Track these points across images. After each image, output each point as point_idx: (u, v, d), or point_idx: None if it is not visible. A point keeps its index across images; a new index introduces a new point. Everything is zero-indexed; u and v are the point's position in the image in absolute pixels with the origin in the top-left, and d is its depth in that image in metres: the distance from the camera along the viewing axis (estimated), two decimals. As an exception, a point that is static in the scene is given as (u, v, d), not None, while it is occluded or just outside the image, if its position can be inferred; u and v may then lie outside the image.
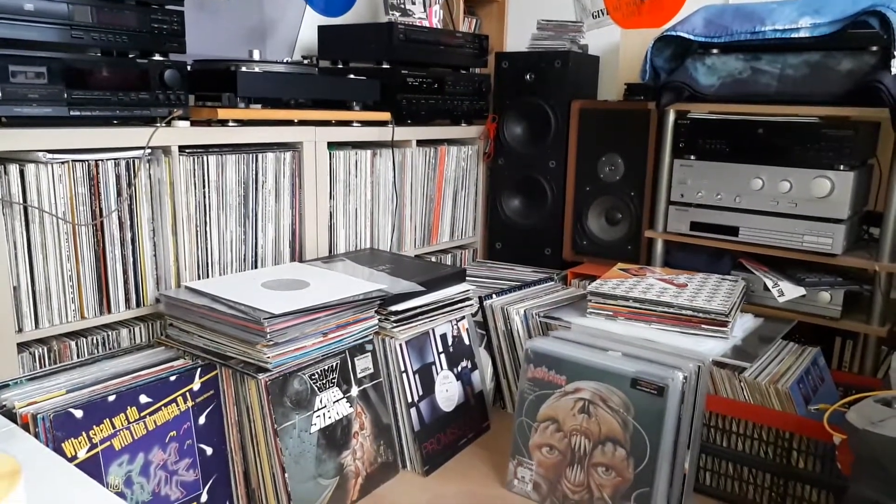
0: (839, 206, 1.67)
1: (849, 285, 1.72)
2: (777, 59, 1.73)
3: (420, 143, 2.18)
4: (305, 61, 2.14)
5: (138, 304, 1.53)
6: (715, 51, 1.81)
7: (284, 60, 1.90)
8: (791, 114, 1.73)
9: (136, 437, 1.25)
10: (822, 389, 1.56)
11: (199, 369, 1.37)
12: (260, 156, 1.71)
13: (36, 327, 1.38)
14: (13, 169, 1.31)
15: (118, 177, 1.46)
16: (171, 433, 1.31)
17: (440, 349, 1.71)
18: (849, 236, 1.72)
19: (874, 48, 1.62)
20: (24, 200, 1.33)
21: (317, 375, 1.44)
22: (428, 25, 2.28)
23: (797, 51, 1.71)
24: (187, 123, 1.58)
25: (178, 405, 1.33)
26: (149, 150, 1.50)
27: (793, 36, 1.65)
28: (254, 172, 1.70)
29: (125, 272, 1.50)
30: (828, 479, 1.39)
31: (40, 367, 1.39)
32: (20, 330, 1.36)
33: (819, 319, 1.74)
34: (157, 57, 1.52)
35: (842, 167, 1.66)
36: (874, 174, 1.91)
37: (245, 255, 1.72)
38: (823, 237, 1.70)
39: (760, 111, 1.76)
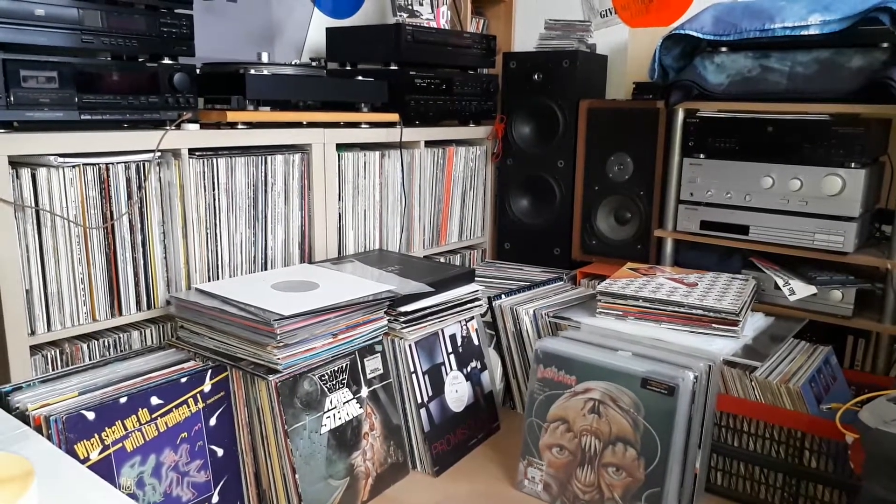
0: (850, 203, 1.66)
1: (860, 284, 1.71)
2: (787, 56, 1.72)
3: (428, 143, 2.18)
4: (314, 63, 2.15)
5: (149, 307, 1.54)
6: (724, 49, 1.80)
7: (293, 63, 1.91)
8: (801, 111, 1.72)
9: (147, 439, 1.26)
10: (834, 388, 1.55)
11: (209, 371, 1.38)
12: (269, 158, 1.72)
13: (48, 330, 1.39)
14: (25, 173, 1.32)
15: (128, 180, 1.47)
16: (183, 434, 1.32)
17: (450, 350, 1.71)
18: (860, 234, 1.71)
19: (885, 45, 1.61)
20: (36, 204, 1.34)
21: (327, 376, 1.44)
22: (435, 26, 2.28)
23: (807, 48, 1.70)
24: (197, 126, 1.59)
25: (189, 407, 1.34)
26: (159, 154, 1.51)
27: (802, 33, 1.64)
28: (263, 174, 1.71)
29: (136, 275, 1.51)
30: (840, 479, 1.38)
31: (52, 370, 1.40)
32: (32, 333, 1.37)
33: (831, 318, 1.73)
34: (167, 60, 1.53)
35: (853, 165, 1.65)
36: (886, 171, 1.90)
37: (255, 257, 1.73)
38: (835, 235, 1.69)
39: (770, 109, 1.76)
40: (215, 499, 1.37)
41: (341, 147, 1.91)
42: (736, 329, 1.54)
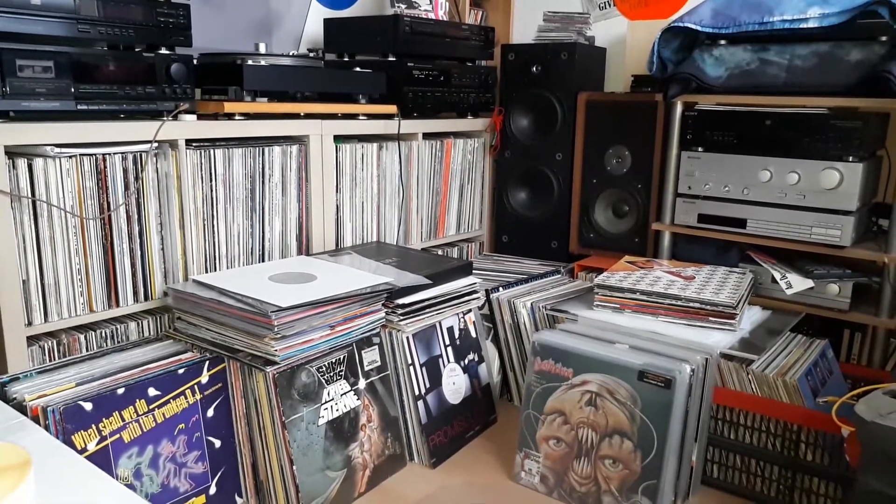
0: (848, 197, 1.66)
1: (857, 277, 1.71)
2: (785, 49, 1.72)
3: (426, 135, 2.18)
4: (311, 54, 2.14)
5: (146, 298, 1.54)
6: (723, 42, 1.80)
7: (290, 53, 1.90)
8: (799, 105, 1.72)
9: (145, 430, 1.26)
10: (830, 382, 1.56)
11: (207, 362, 1.38)
12: (266, 149, 1.71)
13: (45, 321, 1.39)
14: (21, 163, 1.31)
15: (125, 171, 1.46)
16: (180, 426, 1.32)
17: (447, 342, 1.71)
18: (857, 228, 1.71)
19: (883, 38, 1.61)
20: (33, 194, 1.34)
21: (324, 368, 1.44)
22: (434, 17, 2.27)
23: (806, 41, 1.70)
24: (194, 117, 1.58)
25: (186, 398, 1.33)
26: (156, 144, 1.50)
27: (801, 26, 1.64)
28: (260, 166, 1.71)
29: (133, 266, 1.51)
30: (836, 472, 1.39)
31: (50, 361, 1.40)
32: (30, 323, 1.37)
33: (827, 312, 1.73)
34: (164, 51, 1.52)
35: (850, 158, 1.65)
36: (883, 165, 1.90)
37: (252, 249, 1.73)
38: (832, 229, 1.69)
39: (769, 102, 1.75)
40: (213, 490, 1.37)
41: (339, 139, 1.91)
42: (733, 322, 1.54)
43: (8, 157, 1.29)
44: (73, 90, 1.37)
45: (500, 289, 1.92)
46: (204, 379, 1.37)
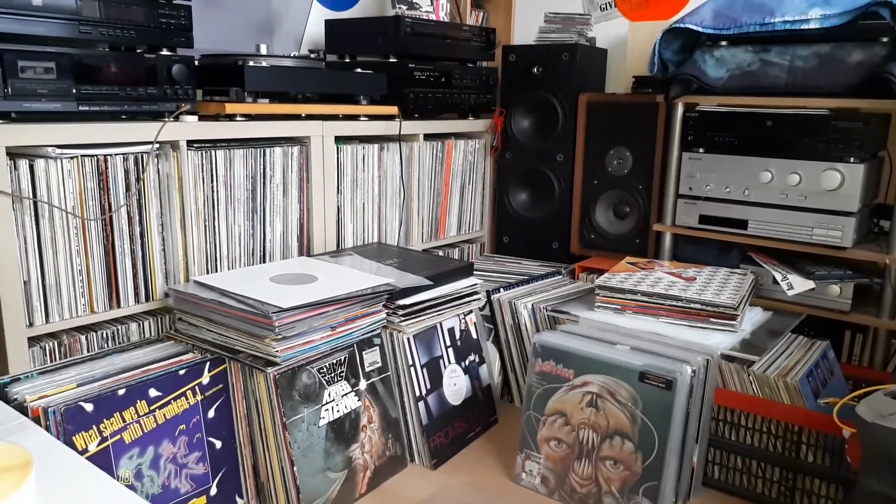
0: (849, 198, 1.66)
1: (859, 278, 1.71)
2: (787, 50, 1.72)
3: (427, 137, 2.18)
4: (312, 55, 2.14)
5: (147, 299, 1.54)
6: (724, 43, 1.80)
7: (291, 55, 1.90)
8: (801, 106, 1.72)
9: (145, 431, 1.26)
10: (831, 383, 1.56)
11: (208, 363, 1.38)
12: (268, 150, 1.71)
13: (46, 322, 1.39)
14: (23, 164, 1.31)
15: (127, 171, 1.46)
16: (181, 427, 1.32)
17: (448, 343, 1.71)
18: (859, 229, 1.71)
19: (885, 39, 1.61)
20: (34, 195, 1.34)
21: (325, 369, 1.44)
22: (435, 19, 2.27)
23: (807, 42, 1.70)
24: (195, 118, 1.58)
25: (187, 399, 1.34)
26: (157, 145, 1.50)
27: (802, 27, 1.64)
28: (261, 167, 1.71)
29: (134, 266, 1.51)
30: (837, 473, 1.39)
31: (51, 361, 1.40)
32: (31, 324, 1.37)
33: (829, 313, 1.73)
34: (165, 52, 1.52)
35: (852, 159, 1.65)
36: (884, 166, 1.90)
37: (253, 250, 1.73)
38: (833, 230, 1.69)
39: (770, 103, 1.75)
40: (213, 491, 1.37)
41: (340, 140, 1.91)
42: (734, 323, 1.54)
43: (9, 158, 1.29)
44: (74, 91, 1.37)
45: (501, 290, 1.92)
46: (205, 380, 1.37)
